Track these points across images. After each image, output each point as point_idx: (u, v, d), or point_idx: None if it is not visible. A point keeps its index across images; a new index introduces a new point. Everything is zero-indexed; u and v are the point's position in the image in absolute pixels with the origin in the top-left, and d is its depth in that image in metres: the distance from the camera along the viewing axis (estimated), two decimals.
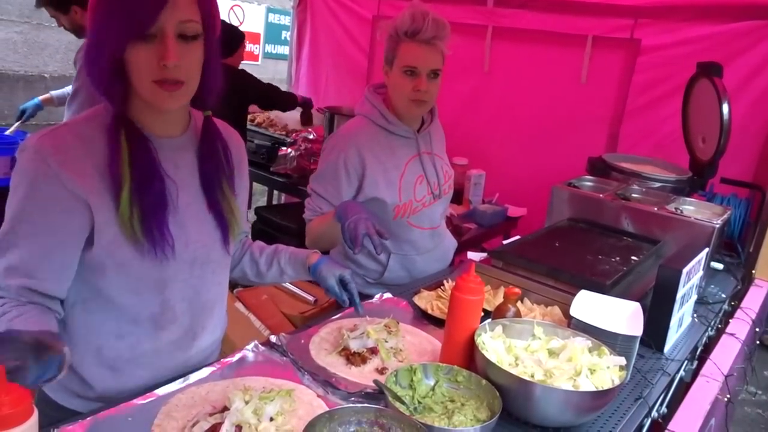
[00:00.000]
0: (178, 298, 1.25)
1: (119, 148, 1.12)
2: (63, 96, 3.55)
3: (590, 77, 3.34)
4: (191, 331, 1.30)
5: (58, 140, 1.11)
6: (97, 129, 1.14)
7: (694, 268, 1.75)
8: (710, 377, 1.59)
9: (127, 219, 1.12)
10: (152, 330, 1.24)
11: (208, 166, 1.27)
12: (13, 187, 1.10)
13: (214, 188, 1.27)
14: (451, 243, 2.25)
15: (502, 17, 3.61)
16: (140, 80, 1.10)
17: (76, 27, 3.11)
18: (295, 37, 4.79)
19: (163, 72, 1.08)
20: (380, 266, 2.03)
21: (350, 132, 1.94)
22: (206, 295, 1.31)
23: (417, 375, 1.26)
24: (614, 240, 2.14)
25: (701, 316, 1.96)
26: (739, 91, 2.83)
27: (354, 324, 1.54)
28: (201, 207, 1.26)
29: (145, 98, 1.13)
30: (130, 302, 1.20)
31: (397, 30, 1.82)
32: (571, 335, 1.38)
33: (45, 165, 1.08)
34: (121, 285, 1.18)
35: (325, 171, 1.92)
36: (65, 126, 1.15)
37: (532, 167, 3.53)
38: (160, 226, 1.15)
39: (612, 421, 1.30)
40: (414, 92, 1.84)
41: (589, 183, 2.53)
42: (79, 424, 1.07)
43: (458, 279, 1.34)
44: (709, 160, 2.50)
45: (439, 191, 2.04)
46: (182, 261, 1.21)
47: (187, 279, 1.25)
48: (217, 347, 1.43)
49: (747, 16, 2.88)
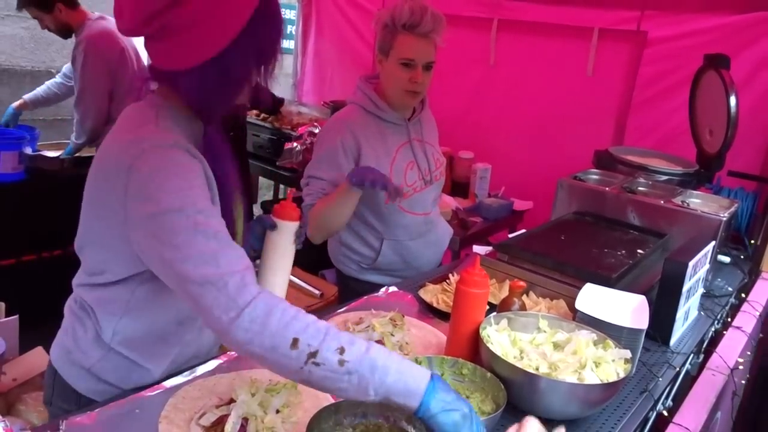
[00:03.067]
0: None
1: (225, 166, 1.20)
2: (37, 98, 3.53)
3: (596, 70, 3.32)
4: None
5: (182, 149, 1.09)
6: (191, 142, 1.13)
7: (700, 261, 1.75)
8: (716, 370, 1.59)
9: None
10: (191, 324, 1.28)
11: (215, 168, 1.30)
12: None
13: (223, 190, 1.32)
14: (445, 230, 2.29)
15: (507, 10, 3.58)
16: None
17: (60, 26, 3.10)
18: (300, 31, 4.79)
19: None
20: (373, 252, 2.06)
21: (344, 117, 2.00)
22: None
23: None
24: (620, 233, 2.14)
25: (707, 309, 1.96)
26: (747, 84, 2.80)
27: (359, 317, 1.55)
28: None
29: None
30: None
31: (394, 21, 1.85)
32: (576, 328, 1.39)
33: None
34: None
35: (323, 155, 1.95)
36: (175, 145, 1.08)
37: (538, 160, 3.52)
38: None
39: (617, 414, 1.31)
40: (410, 83, 1.90)
41: (595, 176, 2.52)
42: (87, 415, 1.09)
43: (463, 272, 1.35)
44: (716, 153, 2.49)
45: (431, 177, 2.08)
46: None
47: None
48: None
49: (755, 7, 2.84)
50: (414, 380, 0.95)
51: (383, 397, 0.95)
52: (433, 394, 0.94)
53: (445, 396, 0.95)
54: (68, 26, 3.10)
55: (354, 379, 0.94)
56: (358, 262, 2.09)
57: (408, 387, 0.94)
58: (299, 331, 0.95)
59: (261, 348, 0.95)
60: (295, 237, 1.31)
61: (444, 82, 3.83)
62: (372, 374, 0.93)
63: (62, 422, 1.05)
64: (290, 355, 0.94)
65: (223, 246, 1.02)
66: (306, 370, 0.94)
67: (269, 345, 0.95)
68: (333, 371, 0.94)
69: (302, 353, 0.94)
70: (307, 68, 4.82)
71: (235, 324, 0.95)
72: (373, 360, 0.94)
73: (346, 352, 0.94)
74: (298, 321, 0.96)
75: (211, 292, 0.97)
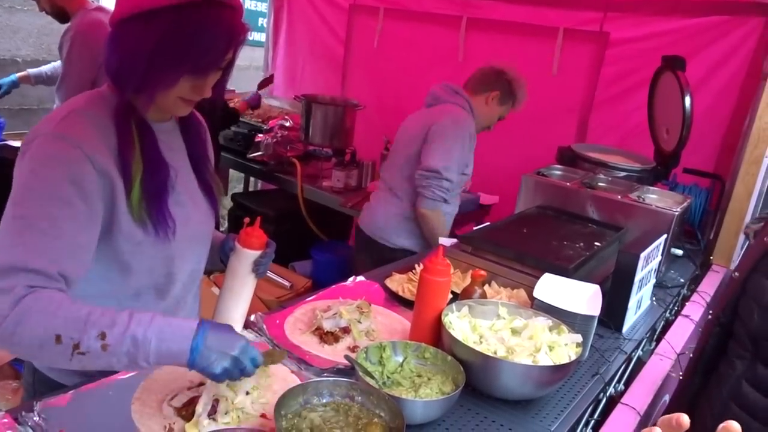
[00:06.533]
0: (181, 271, 1.32)
1: (131, 136, 1.17)
2: (40, 75, 3.51)
3: (561, 69, 3.42)
4: (182, 300, 1.37)
5: (79, 128, 1.11)
6: (105, 116, 1.16)
7: (652, 253, 1.84)
8: (664, 355, 1.68)
9: (137, 204, 1.16)
10: (153, 300, 1.30)
11: (195, 147, 1.34)
12: (39, 174, 1.07)
13: (203, 168, 1.36)
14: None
15: (476, 8, 3.66)
16: (167, 97, 1.16)
17: (56, 10, 3.07)
18: (271, 23, 4.78)
19: (193, 96, 1.18)
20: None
21: (468, 117, 2.52)
22: (198, 267, 1.39)
23: (386, 352, 1.32)
24: (580, 226, 2.23)
25: (660, 299, 2.06)
26: (703, 84, 2.93)
27: (327, 305, 1.60)
28: (194, 186, 1.33)
29: (163, 107, 1.19)
30: (142, 277, 1.26)
31: (517, 99, 2.58)
32: (533, 315, 1.46)
33: (78, 151, 1.08)
34: (135, 261, 1.22)
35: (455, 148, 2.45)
36: (76, 113, 1.13)
37: (505, 156, 3.60)
38: (163, 209, 1.20)
39: (569, 395, 1.39)
40: (489, 125, 2.67)
41: (558, 172, 2.61)
42: (62, 397, 1.12)
43: (426, 261, 1.41)
44: (672, 151, 2.60)
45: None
46: (184, 239, 1.28)
47: (188, 254, 1.32)
48: None
49: (712, 11, 2.97)
50: (176, 344, 1.00)
51: (155, 363, 1.01)
52: (198, 351, 1.01)
53: (210, 348, 1.01)
54: (63, 10, 3.06)
55: (123, 358, 0.99)
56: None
57: (171, 351, 1.00)
58: (59, 327, 0.98)
59: (30, 349, 1.01)
60: (254, 266, 1.33)
61: (414, 77, 3.91)
62: (136, 348, 0.99)
63: (36, 403, 1.08)
64: (57, 350, 0.98)
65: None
66: (75, 360, 0.99)
67: (37, 344, 0.99)
68: (98, 356, 0.99)
69: (67, 347, 0.98)
70: (278, 62, 4.82)
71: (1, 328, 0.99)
72: (134, 336, 0.99)
73: (107, 336, 0.98)
74: (57, 317, 0.99)
75: None
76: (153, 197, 1.19)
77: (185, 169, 1.31)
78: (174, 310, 1.36)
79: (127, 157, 1.15)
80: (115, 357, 0.99)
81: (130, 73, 1.13)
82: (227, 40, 1.13)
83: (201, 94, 1.18)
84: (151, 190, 1.18)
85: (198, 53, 1.10)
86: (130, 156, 1.15)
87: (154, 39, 1.09)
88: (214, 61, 1.14)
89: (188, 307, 1.42)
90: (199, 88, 1.17)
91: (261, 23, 4.98)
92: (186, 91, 1.16)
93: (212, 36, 1.10)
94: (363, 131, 3.71)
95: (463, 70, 3.76)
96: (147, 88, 1.13)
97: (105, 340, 0.98)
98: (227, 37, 1.12)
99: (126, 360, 1.00)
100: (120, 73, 1.15)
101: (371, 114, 3.77)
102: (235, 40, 1.14)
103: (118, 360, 1.00)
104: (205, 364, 1.01)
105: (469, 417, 1.25)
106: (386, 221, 2.61)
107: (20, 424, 1.04)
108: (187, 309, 1.41)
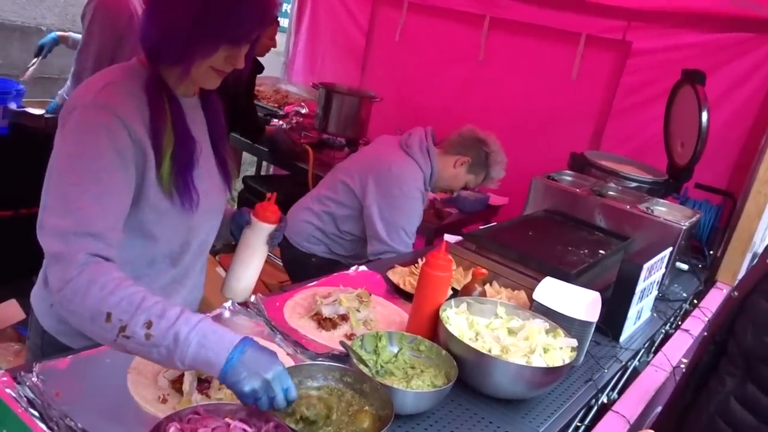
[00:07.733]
0: (196, 241, 1.36)
1: (163, 109, 1.20)
2: (77, 40, 3.54)
3: (580, 75, 3.40)
4: (191, 268, 1.41)
5: (118, 98, 1.14)
6: (138, 87, 1.19)
7: (656, 265, 1.84)
8: (659, 367, 1.68)
9: (167, 176, 1.20)
10: (166, 268, 1.33)
11: (214, 124, 1.37)
12: (85, 142, 1.10)
13: (221, 143, 1.39)
14: None
15: (500, 8, 3.65)
16: (201, 67, 1.19)
17: None
18: (295, 9, 4.79)
19: (226, 67, 1.20)
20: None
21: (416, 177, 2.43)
22: (208, 238, 1.43)
23: (382, 341, 1.34)
24: (586, 233, 2.22)
25: (660, 311, 2.06)
26: (721, 101, 2.90)
27: (328, 292, 1.61)
28: (212, 161, 1.37)
29: (195, 78, 1.22)
30: (162, 245, 1.29)
31: (491, 174, 2.48)
32: (531, 317, 1.47)
33: (118, 120, 1.12)
34: (158, 230, 1.26)
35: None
36: (113, 85, 1.16)
37: (517, 158, 3.56)
38: (189, 181, 1.24)
39: (561, 399, 1.39)
40: (452, 189, 2.56)
41: (569, 177, 2.60)
42: (61, 360, 1.14)
43: (428, 255, 1.42)
44: (685, 165, 2.59)
45: None
46: (203, 211, 1.31)
47: (205, 226, 1.36)
48: (194, 308, 1.50)
49: (734, 28, 2.94)
50: (214, 353, 0.98)
51: (189, 367, 1.01)
52: (232, 366, 0.98)
53: (245, 364, 0.98)
54: None
55: (162, 351, 0.99)
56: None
57: (208, 360, 0.98)
58: (113, 306, 1.00)
59: (82, 319, 1.03)
60: (268, 238, 1.39)
61: (433, 73, 3.90)
62: (176, 347, 0.98)
63: (36, 365, 1.10)
64: (106, 328, 1.00)
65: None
66: (119, 342, 1.01)
67: (89, 317, 1.01)
68: (141, 344, 1.00)
69: (114, 327, 1.00)
70: (299, 48, 4.83)
71: (60, 294, 1.02)
72: (177, 333, 0.98)
73: (153, 326, 0.99)
74: (114, 295, 1.01)
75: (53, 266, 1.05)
76: (181, 170, 1.23)
77: (205, 144, 1.35)
78: (182, 278, 1.39)
79: (159, 129, 1.18)
80: (155, 348, 0.99)
81: (171, 42, 1.15)
82: (262, 11, 1.16)
83: (234, 64, 1.21)
84: (180, 163, 1.22)
85: (237, 22, 1.14)
86: (162, 129, 1.19)
87: (197, 8, 1.12)
88: (251, 30, 1.18)
89: (195, 276, 1.45)
90: (232, 58, 1.20)
91: (285, 9, 5.00)
92: (220, 62, 1.19)
93: (249, 6, 1.14)
94: (378, 123, 3.71)
95: (482, 69, 3.79)
96: (186, 57, 1.16)
97: (150, 330, 0.99)
98: (262, 8, 1.16)
99: (165, 353, 0.99)
100: (161, 44, 1.17)
101: (387, 106, 3.77)
102: (270, 11, 1.17)
103: (158, 352, 0.99)
104: (235, 379, 0.98)
105: (459, 412, 1.27)
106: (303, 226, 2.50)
107: (18, 383, 1.06)
108: (194, 277, 1.44)
